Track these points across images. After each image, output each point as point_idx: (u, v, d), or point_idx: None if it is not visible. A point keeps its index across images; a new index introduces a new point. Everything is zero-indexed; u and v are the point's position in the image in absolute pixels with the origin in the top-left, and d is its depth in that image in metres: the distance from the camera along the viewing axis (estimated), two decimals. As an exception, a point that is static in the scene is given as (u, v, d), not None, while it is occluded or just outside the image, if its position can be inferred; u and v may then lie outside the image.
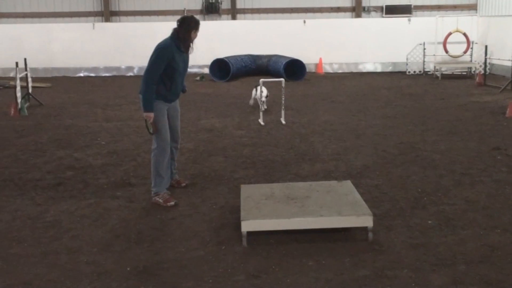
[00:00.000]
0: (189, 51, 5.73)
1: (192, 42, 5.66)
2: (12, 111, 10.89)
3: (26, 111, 11.11)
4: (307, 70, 16.92)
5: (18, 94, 11.10)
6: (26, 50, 16.78)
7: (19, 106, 11.04)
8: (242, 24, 19.63)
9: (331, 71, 18.72)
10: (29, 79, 12.45)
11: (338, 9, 20.79)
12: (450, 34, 16.71)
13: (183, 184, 6.19)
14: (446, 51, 16.81)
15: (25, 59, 12.56)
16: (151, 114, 5.52)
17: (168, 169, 5.84)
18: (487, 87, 14.03)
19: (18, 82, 11.22)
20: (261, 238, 4.64)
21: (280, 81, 10.19)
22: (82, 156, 7.68)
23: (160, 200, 5.63)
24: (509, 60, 13.59)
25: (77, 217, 5.34)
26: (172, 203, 5.60)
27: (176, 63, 5.56)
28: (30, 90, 12.35)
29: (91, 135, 9.02)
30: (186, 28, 5.54)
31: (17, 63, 11.72)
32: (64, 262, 4.35)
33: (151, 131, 5.60)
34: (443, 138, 8.38)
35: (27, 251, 4.56)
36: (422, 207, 5.41)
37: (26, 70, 12.34)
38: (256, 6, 20.79)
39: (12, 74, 16.02)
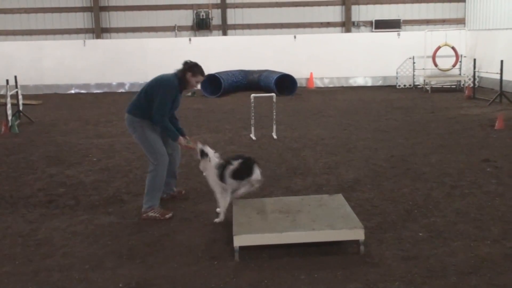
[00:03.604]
0: (183, 93, 5.98)
1: (189, 86, 5.83)
2: (3, 129, 10.86)
3: (17, 128, 11.09)
4: (298, 84, 17.01)
5: (9, 112, 11.09)
6: (16, 67, 16.80)
7: (10, 123, 11.02)
8: (233, 40, 19.76)
9: (322, 86, 18.84)
10: (20, 97, 12.45)
11: (328, 24, 21.00)
12: (439, 48, 16.90)
13: (183, 192, 6.45)
14: (436, 65, 16.99)
15: (15, 77, 12.57)
16: (181, 140, 5.77)
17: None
18: (476, 100, 14.17)
19: (8, 99, 11.21)
20: (253, 252, 4.65)
21: (271, 96, 10.26)
22: (74, 173, 7.67)
23: (157, 215, 5.65)
24: (497, 73, 13.73)
25: (68, 234, 5.33)
26: (170, 214, 5.66)
27: (176, 101, 5.79)
28: (21, 108, 12.35)
29: (83, 152, 9.01)
30: (183, 69, 5.71)
31: (7, 81, 11.71)
32: (56, 279, 4.33)
33: (191, 144, 5.83)
34: (434, 151, 8.44)
35: (19, 269, 4.54)
36: (413, 219, 5.44)
37: (16, 87, 12.33)
38: (246, 22, 20.96)
39: (2, 92, 16.01)
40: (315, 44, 18.71)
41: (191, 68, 5.68)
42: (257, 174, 5.36)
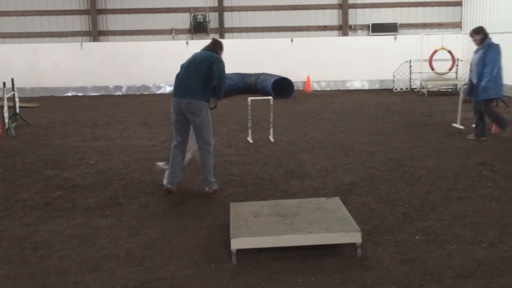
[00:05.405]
0: None
1: None
2: (0, 132, 10.84)
3: (13, 131, 11.07)
4: (295, 88, 17.03)
5: (6, 114, 11.06)
6: (13, 70, 16.74)
7: (7, 126, 11.00)
8: (230, 43, 19.61)
9: (319, 89, 18.87)
10: (17, 99, 12.42)
11: (325, 28, 21.04)
12: (435, 51, 16.94)
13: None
14: (432, 68, 17.04)
15: (12, 79, 12.54)
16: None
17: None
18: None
19: (5, 102, 11.18)
20: (250, 255, 4.65)
21: (269, 99, 10.27)
22: (71, 175, 7.66)
23: (217, 187, 6.64)
24: (493, 76, 13.74)
25: (65, 237, 5.32)
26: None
27: None
28: (17, 110, 12.31)
29: (80, 155, 9.00)
30: (218, 47, 6.84)
31: (4, 83, 11.69)
32: (53, 282, 4.32)
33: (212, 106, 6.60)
34: (430, 154, 8.46)
35: (15, 272, 4.53)
36: (410, 222, 5.45)
37: (13, 90, 12.31)
38: (243, 25, 20.99)
39: (-1, 94, 15.99)
40: (312, 48, 18.73)
41: (222, 46, 6.85)
42: None
